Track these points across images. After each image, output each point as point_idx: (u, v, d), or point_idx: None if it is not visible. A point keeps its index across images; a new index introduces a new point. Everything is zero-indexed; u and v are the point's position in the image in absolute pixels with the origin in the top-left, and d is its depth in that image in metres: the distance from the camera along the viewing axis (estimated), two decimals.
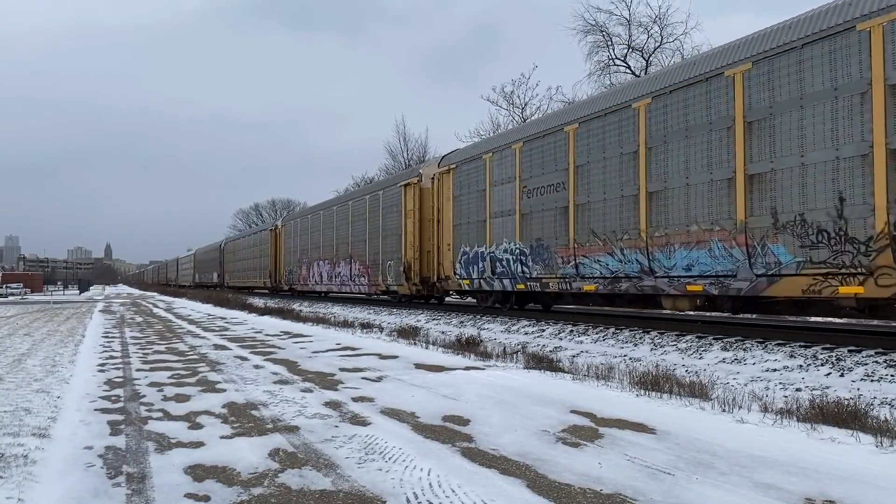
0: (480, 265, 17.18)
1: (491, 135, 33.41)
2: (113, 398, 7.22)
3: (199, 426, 5.77)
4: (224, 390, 7.60)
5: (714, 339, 10.57)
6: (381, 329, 15.86)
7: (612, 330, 12.66)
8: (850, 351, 8.76)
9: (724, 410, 6.06)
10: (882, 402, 6.71)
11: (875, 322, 13.19)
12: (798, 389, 7.50)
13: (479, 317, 17.33)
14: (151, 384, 8.16)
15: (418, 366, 9.43)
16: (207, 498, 3.91)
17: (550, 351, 11.31)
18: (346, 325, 17.33)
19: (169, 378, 8.64)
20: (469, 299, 23.11)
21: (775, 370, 8.53)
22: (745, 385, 7.85)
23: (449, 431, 5.49)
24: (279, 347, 12.30)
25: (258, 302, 31.30)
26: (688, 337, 11.00)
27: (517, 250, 15.64)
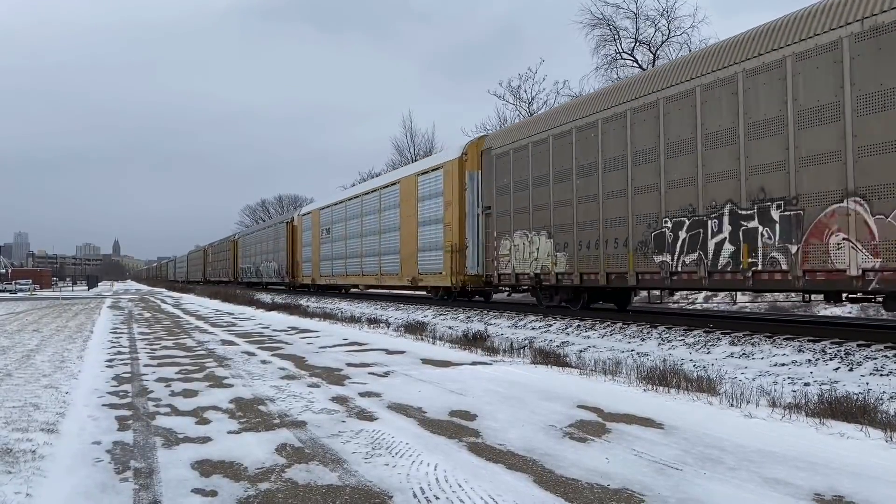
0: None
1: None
2: (121, 394, 7.25)
3: (206, 421, 5.79)
4: (231, 385, 7.62)
5: (722, 333, 10.53)
6: (388, 324, 15.87)
7: (619, 325, 12.63)
8: (858, 345, 8.71)
9: (732, 405, 6.03)
10: (892, 397, 6.66)
11: (885, 315, 13.12)
12: (807, 384, 7.46)
13: (485, 312, 17.32)
14: (159, 379, 8.19)
15: (425, 361, 9.43)
16: (215, 493, 3.92)
17: (557, 346, 11.28)
18: (353, 320, 17.35)
19: (176, 373, 8.67)
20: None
21: (784, 365, 8.49)
22: (754, 380, 7.81)
23: (456, 426, 5.49)
24: (286, 343, 12.33)
25: (265, 298, 31.36)
26: (696, 331, 10.97)
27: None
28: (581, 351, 10.70)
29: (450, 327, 14.82)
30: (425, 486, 3.95)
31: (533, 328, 13.91)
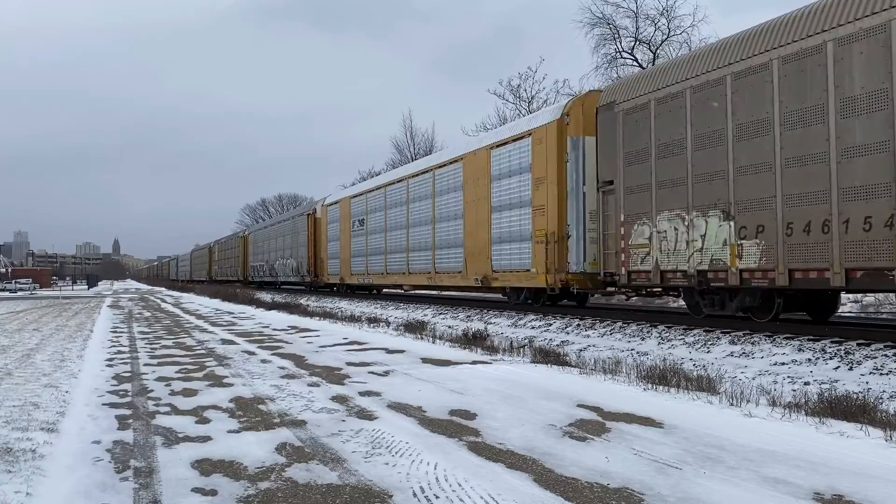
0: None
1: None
2: (121, 393, 7.26)
3: (206, 420, 5.79)
4: (231, 385, 7.62)
5: (722, 332, 10.52)
6: (388, 323, 15.88)
7: (619, 324, 12.63)
8: (858, 344, 8.71)
9: (732, 404, 6.03)
10: (892, 396, 6.67)
11: (884, 314, 13.12)
12: (806, 383, 7.47)
13: (485, 311, 17.32)
14: (159, 379, 8.19)
15: (425, 360, 9.43)
16: (214, 492, 3.92)
17: (557, 345, 11.29)
18: (353, 319, 17.36)
19: (176, 373, 8.67)
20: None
21: (783, 364, 8.49)
22: (754, 379, 7.82)
23: (456, 426, 5.49)
24: (286, 342, 12.33)
25: (265, 297, 31.35)
26: (696, 331, 10.96)
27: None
28: (581, 350, 10.71)
29: (449, 326, 14.83)
30: (425, 486, 3.95)
31: (532, 327, 13.91)
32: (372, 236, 25.91)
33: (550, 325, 13.78)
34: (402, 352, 10.44)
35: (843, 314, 13.97)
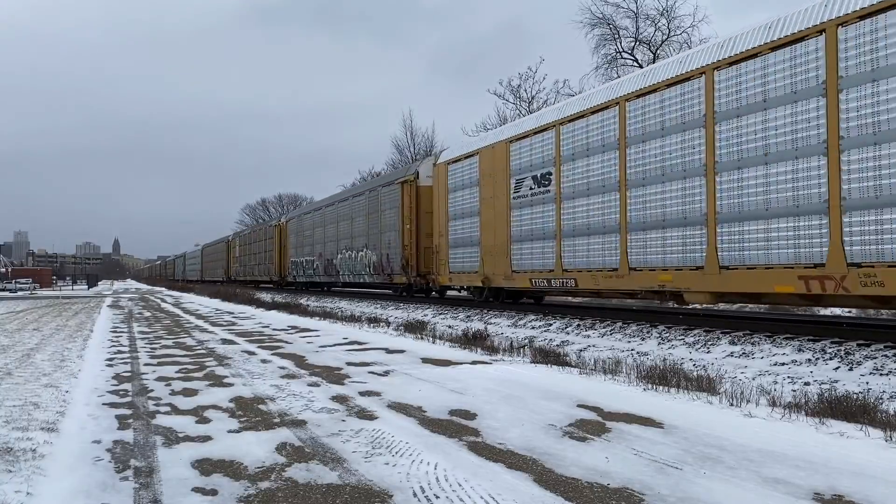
0: None
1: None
2: (121, 392, 7.26)
3: (206, 420, 5.79)
4: (231, 385, 7.62)
5: (722, 332, 10.53)
6: (388, 323, 15.88)
7: (619, 324, 12.63)
8: (858, 345, 8.71)
9: (732, 405, 6.04)
10: (892, 397, 6.67)
11: (884, 315, 13.12)
12: (806, 383, 7.47)
13: (485, 311, 17.32)
14: (159, 378, 8.19)
15: (425, 360, 9.43)
16: (215, 492, 3.92)
17: (557, 345, 11.29)
18: (353, 319, 17.36)
19: (177, 372, 8.67)
20: None
21: (783, 364, 8.49)
22: (754, 379, 7.82)
23: (456, 426, 5.49)
24: (286, 342, 12.33)
25: (265, 297, 31.33)
26: (696, 331, 10.96)
27: None
28: (581, 350, 10.71)
29: (449, 326, 14.83)
30: (425, 485, 3.95)
31: (533, 327, 13.91)
32: (571, 203, 14.05)
33: (550, 325, 13.78)
34: (402, 352, 10.44)
35: (842, 314, 13.97)
